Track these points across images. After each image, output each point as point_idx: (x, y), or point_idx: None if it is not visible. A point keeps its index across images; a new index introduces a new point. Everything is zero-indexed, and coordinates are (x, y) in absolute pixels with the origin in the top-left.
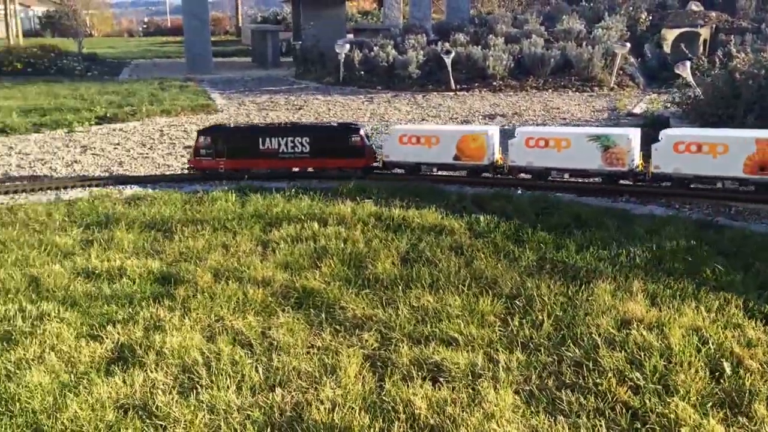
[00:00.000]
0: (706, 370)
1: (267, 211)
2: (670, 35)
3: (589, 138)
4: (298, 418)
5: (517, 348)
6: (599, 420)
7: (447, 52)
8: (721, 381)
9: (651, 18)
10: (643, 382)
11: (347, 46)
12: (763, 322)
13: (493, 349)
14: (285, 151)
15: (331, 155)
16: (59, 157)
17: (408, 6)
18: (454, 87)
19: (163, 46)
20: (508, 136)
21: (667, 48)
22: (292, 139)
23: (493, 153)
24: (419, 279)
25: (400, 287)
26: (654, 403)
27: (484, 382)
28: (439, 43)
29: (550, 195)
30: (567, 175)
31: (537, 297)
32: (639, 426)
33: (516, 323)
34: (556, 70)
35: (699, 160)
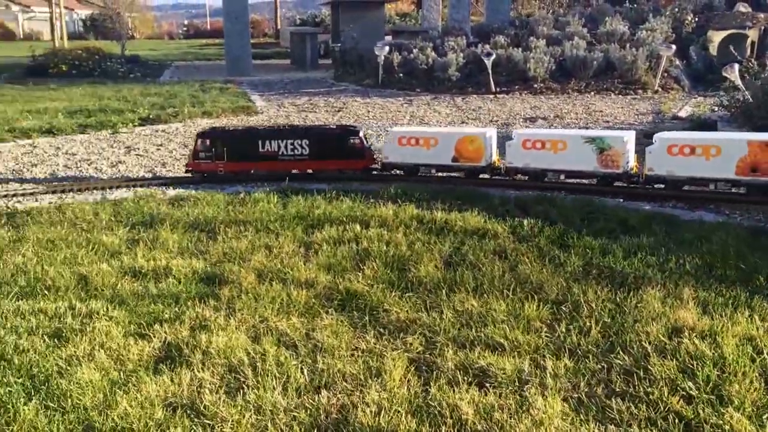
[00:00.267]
0: (761, 381)
1: (309, 213)
2: (716, 37)
3: (585, 140)
4: (344, 420)
5: (564, 354)
6: (651, 430)
7: (488, 54)
8: None
9: (697, 19)
10: (696, 392)
11: (386, 49)
12: None
13: (540, 355)
14: (285, 153)
15: (331, 157)
16: (104, 157)
17: (447, 8)
18: (494, 89)
19: (203, 49)
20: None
21: (714, 50)
22: (292, 141)
23: (490, 154)
24: (463, 283)
25: (444, 291)
26: (708, 413)
27: (531, 388)
28: (479, 45)
29: (594, 199)
30: (563, 177)
31: (584, 303)
32: None
33: (563, 329)
34: (598, 72)
35: (692, 163)
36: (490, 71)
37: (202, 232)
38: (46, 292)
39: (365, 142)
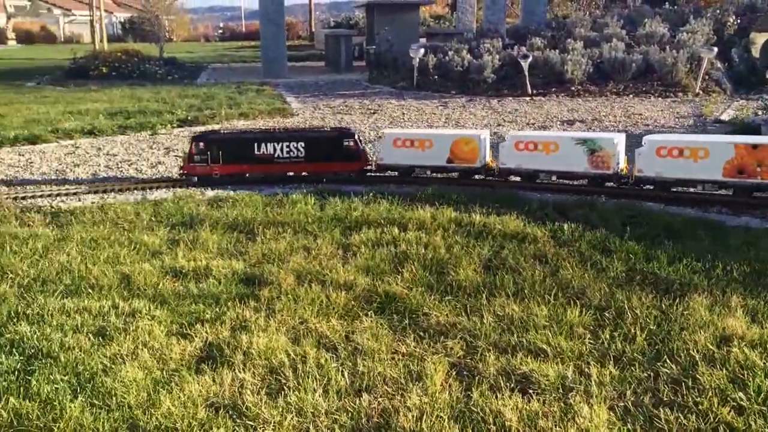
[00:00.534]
0: None
1: (346, 215)
2: (759, 39)
3: (576, 142)
4: (385, 424)
5: (609, 362)
6: None
7: (524, 57)
8: None
9: (739, 21)
10: (747, 403)
11: (422, 51)
12: None
13: (584, 362)
14: (280, 156)
15: (326, 159)
16: (144, 158)
17: (481, 10)
18: (530, 92)
19: (239, 51)
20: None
21: (756, 52)
22: (288, 144)
23: (484, 156)
24: (503, 287)
25: (484, 295)
26: (760, 425)
27: (576, 396)
28: (515, 48)
29: (637, 203)
30: (554, 177)
31: (628, 309)
32: None
33: (607, 336)
34: (637, 75)
35: (680, 164)
36: (527, 73)
37: (241, 233)
38: (90, 291)
39: (360, 144)
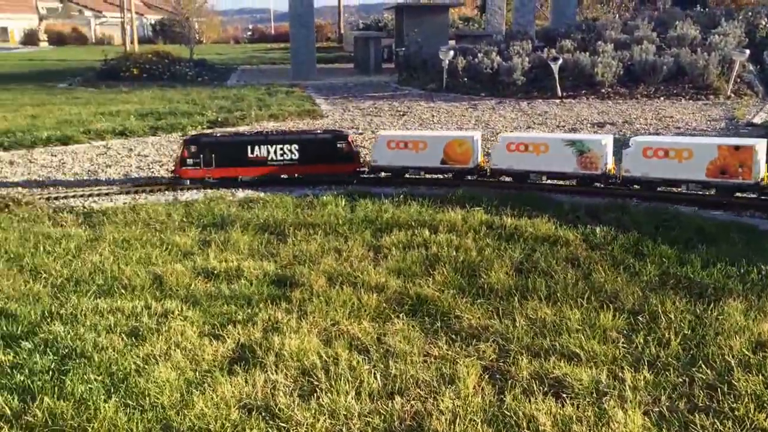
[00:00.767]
0: None
1: (377, 217)
2: None
3: (566, 143)
4: (418, 428)
5: (643, 367)
6: None
7: (554, 59)
8: None
9: None
10: None
11: (451, 53)
12: None
13: (618, 366)
14: (274, 158)
15: (320, 161)
16: (175, 159)
17: (511, 12)
18: (560, 94)
19: (268, 53)
20: (621, 146)
21: None
22: (281, 147)
23: (477, 157)
24: (535, 290)
25: (516, 298)
26: None
27: (610, 400)
28: (544, 50)
29: (669, 207)
30: (545, 178)
31: (662, 314)
32: None
33: (641, 340)
34: (668, 77)
35: (666, 165)
36: (557, 75)
37: (272, 234)
38: (123, 291)
39: (353, 147)
